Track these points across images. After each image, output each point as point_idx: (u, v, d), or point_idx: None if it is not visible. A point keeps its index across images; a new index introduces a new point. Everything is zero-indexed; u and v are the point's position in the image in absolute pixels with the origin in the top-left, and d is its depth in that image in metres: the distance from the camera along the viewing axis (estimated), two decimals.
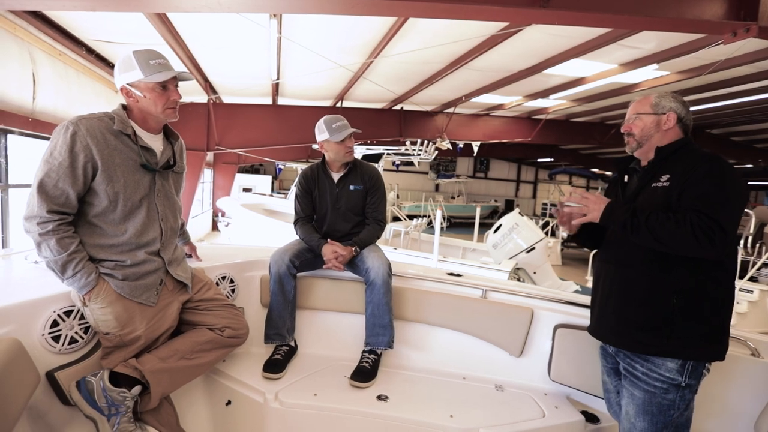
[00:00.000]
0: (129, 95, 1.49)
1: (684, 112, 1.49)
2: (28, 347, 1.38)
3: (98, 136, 1.40)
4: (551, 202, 15.51)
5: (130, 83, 1.47)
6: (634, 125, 1.52)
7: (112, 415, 1.39)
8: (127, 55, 1.48)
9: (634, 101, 1.56)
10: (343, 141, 2.21)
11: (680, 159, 1.41)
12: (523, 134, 11.15)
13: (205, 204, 13.12)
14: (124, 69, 1.48)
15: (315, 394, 1.86)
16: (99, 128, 1.42)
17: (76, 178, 1.37)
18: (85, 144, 1.37)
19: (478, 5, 2.34)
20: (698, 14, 3.00)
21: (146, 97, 1.48)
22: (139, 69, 1.45)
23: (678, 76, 6.77)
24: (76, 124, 1.38)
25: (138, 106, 1.51)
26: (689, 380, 1.38)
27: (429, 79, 7.42)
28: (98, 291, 1.43)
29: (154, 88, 1.48)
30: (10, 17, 4.15)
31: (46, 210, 1.34)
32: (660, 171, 1.43)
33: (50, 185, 1.34)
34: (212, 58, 6.45)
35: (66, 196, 1.36)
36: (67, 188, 1.36)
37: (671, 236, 1.28)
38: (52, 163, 1.35)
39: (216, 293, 1.82)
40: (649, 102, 1.50)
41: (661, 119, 1.48)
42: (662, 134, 1.48)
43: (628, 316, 1.46)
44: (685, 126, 1.50)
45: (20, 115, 4.36)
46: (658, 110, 1.49)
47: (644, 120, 1.50)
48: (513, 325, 2.14)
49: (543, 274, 5.90)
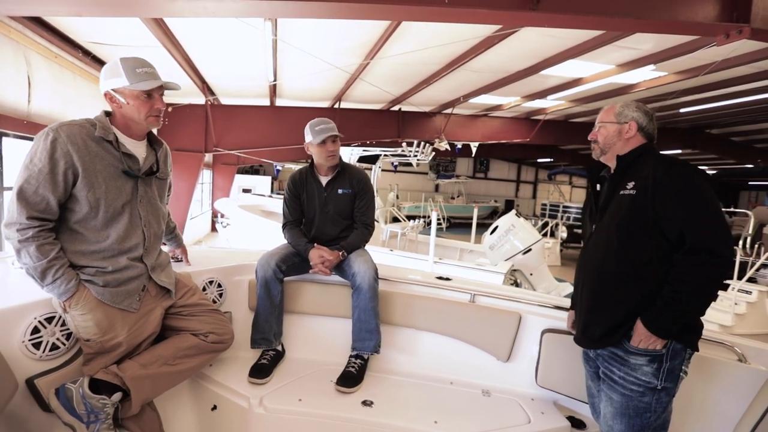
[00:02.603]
0: (113, 101, 1.49)
1: (645, 121, 1.53)
2: (8, 354, 1.38)
3: (79, 143, 1.40)
4: (551, 203, 15.46)
5: (114, 89, 1.47)
6: (598, 133, 1.58)
7: (91, 422, 1.38)
8: (114, 62, 1.49)
9: (602, 110, 1.60)
10: (324, 144, 2.18)
11: (641, 164, 1.46)
12: (521, 135, 11.14)
13: (205, 205, 13.13)
14: (109, 75, 1.48)
15: (300, 399, 1.86)
16: (80, 135, 1.42)
17: (57, 184, 1.37)
18: (65, 150, 1.37)
19: (467, 8, 2.34)
20: (690, 16, 2.99)
21: (130, 104, 1.48)
22: (125, 76, 1.46)
23: (676, 76, 6.75)
24: (56, 130, 1.38)
25: (121, 113, 1.51)
26: (665, 383, 1.41)
27: (426, 80, 7.42)
28: (78, 297, 1.43)
29: (139, 95, 1.48)
30: (5, 20, 4.16)
31: (26, 216, 1.33)
32: (624, 178, 1.48)
33: (30, 192, 1.34)
34: (209, 60, 6.46)
35: (46, 203, 1.36)
36: (47, 195, 1.36)
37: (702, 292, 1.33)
38: (32, 170, 1.35)
39: (200, 298, 1.82)
40: (614, 111, 1.56)
41: (623, 128, 1.53)
42: (624, 142, 1.54)
43: (599, 320, 1.50)
44: (648, 134, 1.54)
45: (15, 118, 4.37)
46: (621, 119, 1.54)
47: (608, 128, 1.56)
48: (501, 330, 2.13)
49: (540, 275, 5.88)
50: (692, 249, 1.32)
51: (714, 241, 1.30)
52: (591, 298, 1.55)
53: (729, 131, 11.84)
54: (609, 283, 1.48)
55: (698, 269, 1.31)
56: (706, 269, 1.31)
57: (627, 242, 1.42)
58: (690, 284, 1.32)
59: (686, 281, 1.32)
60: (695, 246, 1.31)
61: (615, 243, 1.45)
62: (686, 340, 1.40)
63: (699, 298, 1.34)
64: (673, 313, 1.34)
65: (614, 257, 1.45)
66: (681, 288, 1.33)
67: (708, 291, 1.34)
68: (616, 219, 1.46)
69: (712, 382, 1.77)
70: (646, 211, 1.37)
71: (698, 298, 1.34)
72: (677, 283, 1.33)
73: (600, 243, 1.52)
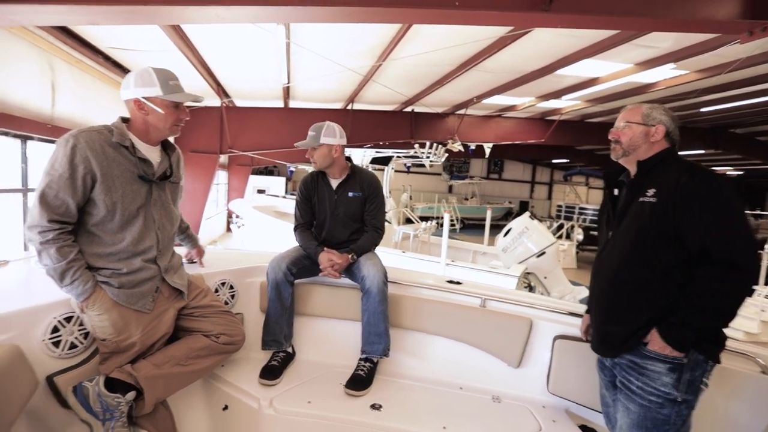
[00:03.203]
0: (141, 108, 1.54)
1: (672, 126, 1.48)
2: (29, 352, 1.43)
3: (97, 149, 1.45)
4: (566, 204, 15.19)
5: (146, 97, 1.52)
6: (622, 133, 1.51)
7: (106, 419, 1.43)
8: (146, 71, 1.54)
9: (625, 109, 1.54)
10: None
11: (663, 170, 1.41)
12: (536, 135, 10.98)
13: (220, 205, 13.36)
14: (141, 83, 1.52)
15: (309, 401, 1.87)
16: (98, 141, 1.46)
17: (76, 189, 1.41)
18: (84, 156, 1.42)
19: (477, 11, 2.32)
20: (711, 14, 2.90)
21: (159, 113, 1.54)
22: (159, 86, 1.52)
23: (697, 75, 6.55)
24: (75, 137, 1.43)
25: (146, 119, 1.56)
26: (686, 395, 1.36)
27: (439, 81, 7.38)
28: (95, 298, 1.48)
29: (169, 105, 1.56)
30: (32, 28, 4.32)
31: (47, 219, 1.38)
32: (645, 185, 1.42)
33: (51, 196, 1.39)
34: (224, 63, 6.56)
35: (66, 206, 1.41)
36: (67, 199, 1.40)
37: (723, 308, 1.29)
38: (53, 175, 1.40)
39: (212, 300, 1.85)
40: (641, 112, 1.49)
41: (650, 130, 1.47)
42: (649, 146, 1.48)
43: (615, 330, 1.46)
44: (672, 140, 1.49)
45: (40, 122, 4.53)
46: (649, 121, 1.48)
47: (633, 129, 1.49)
48: (511, 336, 2.10)
49: (554, 279, 5.78)
50: (714, 262, 1.27)
51: (737, 255, 1.25)
52: (608, 306, 1.51)
53: (754, 131, 11.42)
54: (626, 290, 1.44)
55: (720, 284, 1.27)
56: (727, 284, 1.26)
57: (645, 250, 1.38)
58: (710, 299, 1.28)
59: (706, 296, 1.28)
60: (717, 259, 1.27)
61: (633, 251, 1.41)
62: (707, 351, 1.35)
63: (719, 313, 1.29)
64: (691, 327, 1.30)
65: (632, 265, 1.41)
66: (701, 303, 1.29)
67: (729, 306, 1.29)
68: (634, 226, 1.41)
69: (733, 394, 1.71)
70: (667, 219, 1.33)
71: (718, 313, 1.29)
72: (697, 297, 1.29)
73: (617, 250, 1.47)
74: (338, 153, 2.23)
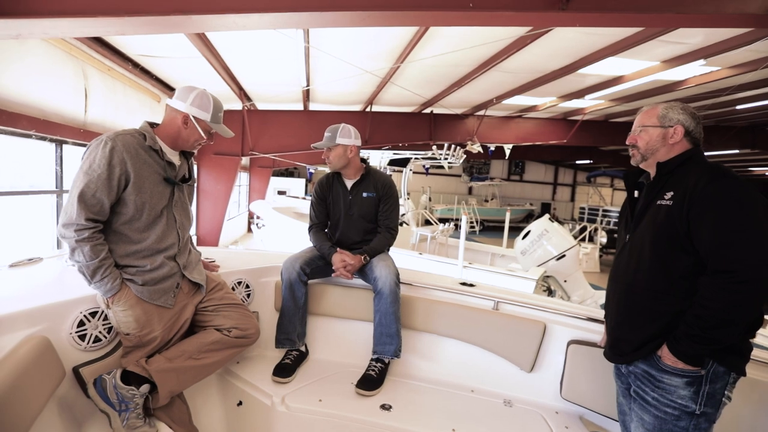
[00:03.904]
0: (185, 123, 1.67)
1: (693, 124, 1.40)
2: (58, 344, 1.52)
3: (132, 151, 1.53)
4: (589, 206, 14.78)
5: (195, 117, 1.67)
6: (639, 137, 1.46)
7: (122, 410, 1.50)
8: (206, 96, 1.69)
9: (641, 111, 1.49)
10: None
11: (685, 174, 1.34)
12: (558, 136, 10.73)
13: (242, 206, 13.68)
14: (198, 104, 1.67)
15: (320, 399, 1.90)
16: (133, 143, 1.55)
17: (111, 188, 1.49)
18: (121, 158, 1.50)
19: (492, 11, 2.30)
20: (740, 8, 2.77)
21: (198, 133, 1.69)
22: (211, 114, 1.69)
23: (730, 71, 6.25)
24: (113, 139, 1.51)
25: (180, 131, 1.68)
26: (705, 408, 1.30)
27: (458, 82, 7.33)
28: (121, 295, 1.55)
29: (207, 130, 1.71)
30: (68, 39, 4.56)
31: (84, 218, 1.45)
32: (664, 187, 1.37)
33: (89, 195, 1.46)
34: (245, 68, 6.73)
35: (101, 205, 1.49)
36: (103, 198, 1.48)
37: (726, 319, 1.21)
38: (92, 175, 1.47)
39: (226, 293, 1.91)
40: (656, 113, 1.43)
41: (668, 132, 1.41)
42: (668, 148, 1.41)
43: (626, 336, 1.42)
44: (694, 139, 1.42)
45: (74, 127, 4.77)
46: (665, 123, 1.41)
47: (650, 133, 1.43)
48: (524, 339, 2.08)
49: (574, 282, 5.65)
50: (716, 270, 1.22)
51: (740, 263, 1.18)
52: (621, 311, 1.47)
53: None
54: (640, 296, 1.39)
55: (721, 293, 1.20)
56: (729, 294, 1.19)
57: (661, 255, 1.33)
58: (712, 309, 1.21)
59: (708, 306, 1.22)
60: (719, 267, 1.21)
61: (648, 255, 1.36)
62: (729, 362, 1.28)
63: (723, 324, 1.21)
64: (695, 339, 1.24)
65: (647, 270, 1.36)
66: (702, 313, 1.23)
67: (733, 317, 1.21)
68: (650, 230, 1.36)
69: (762, 407, 1.64)
70: (682, 224, 1.27)
71: (722, 324, 1.21)
72: (699, 307, 1.24)
73: (633, 254, 1.43)
74: (353, 153, 2.28)
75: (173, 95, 1.69)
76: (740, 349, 1.30)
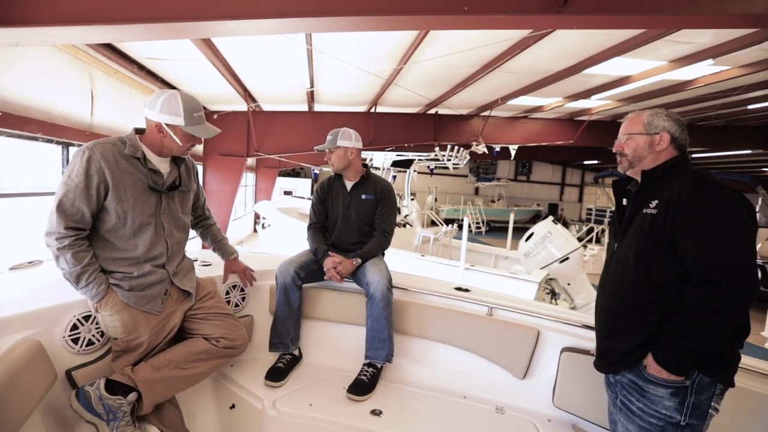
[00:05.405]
0: (160, 131, 1.60)
1: (678, 131, 1.40)
2: (51, 348, 1.55)
3: (110, 160, 1.54)
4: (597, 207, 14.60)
5: (168, 124, 1.59)
6: (626, 145, 1.45)
7: (110, 420, 1.50)
8: (174, 98, 1.59)
9: (626, 118, 1.48)
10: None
11: (669, 182, 1.33)
12: (564, 137, 10.63)
13: (248, 207, 13.77)
14: (167, 110, 1.58)
15: (311, 404, 1.91)
16: (112, 152, 1.55)
17: (90, 198, 1.51)
18: (98, 167, 1.51)
19: (487, 15, 2.28)
20: (746, 8, 2.71)
21: (176, 140, 1.61)
22: (183, 117, 1.58)
23: (740, 70, 6.12)
24: (91, 149, 1.52)
25: (161, 141, 1.63)
26: (690, 419, 1.28)
27: (462, 82, 7.30)
28: (107, 300, 1.57)
29: (186, 135, 1.63)
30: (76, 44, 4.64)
31: (64, 227, 1.48)
32: (649, 196, 1.36)
33: (68, 204, 1.49)
34: (250, 70, 6.77)
35: (81, 214, 1.50)
36: (82, 207, 1.50)
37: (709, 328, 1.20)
38: (70, 185, 1.49)
39: (217, 302, 1.91)
40: (641, 121, 1.43)
41: (654, 139, 1.40)
42: (655, 155, 1.41)
43: (613, 346, 1.41)
44: (681, 146, 1.41)
45: (80, 129, 4.85)
46: (651, 130, 1.41)
47: (636, 140, 1.43)
48: (518, 346, 2.06)
49: (578, 285, 5.58)
50: (701, 278, 1.20)
51: (723, 273, 1.17)
52: (609, 321, 1.46)
53: None
54: (627, 306, 1.38)
55: (704, 303, 1.19)
56: (712, 303, 1.18)
57: (646, 265, 1.32)
58: (695, 319, 1.20)
59: (691, 315, 1.21)
60: (704, 275, 1.20)
61: (634, 264, 1.35)
62: (714, 373, 1.27)
63: (706, 334, 1.21)
64: (680, 349, 1.23)
65: (633, 279, 1.35)
66: (685, 322, 1.22)
67: (716, 327, 1.20)
68: (635, 239, 1.36)
69: (754, 419, 1.60)
70: (666, 232, 1.26)
71: (705, 334, 1.21)
72: (683, 316, 1.23)
73: (620, 263, 1.42)
74: (354, 155, 2.32)
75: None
76: (726, 360, 1.29)
